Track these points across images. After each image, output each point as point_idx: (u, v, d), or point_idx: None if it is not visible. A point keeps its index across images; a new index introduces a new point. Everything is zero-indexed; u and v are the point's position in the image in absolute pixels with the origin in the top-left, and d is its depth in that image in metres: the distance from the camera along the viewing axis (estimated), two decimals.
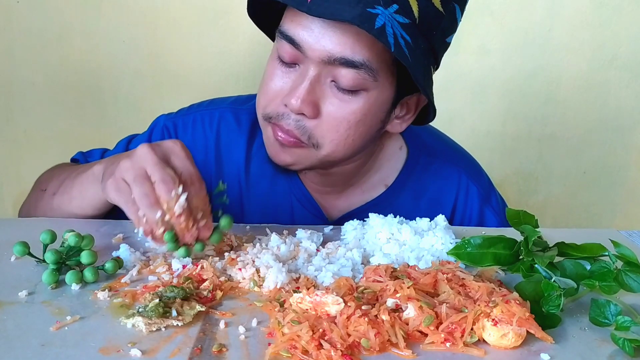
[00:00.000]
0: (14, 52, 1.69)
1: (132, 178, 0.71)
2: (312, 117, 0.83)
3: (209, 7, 1.67)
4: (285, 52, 0.83)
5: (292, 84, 0.83)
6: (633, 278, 0.67)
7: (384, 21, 0.75)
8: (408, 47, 0.77)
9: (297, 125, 0.83)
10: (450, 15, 0.83)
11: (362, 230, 0.82)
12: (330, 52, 0.79)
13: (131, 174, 0.71)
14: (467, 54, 1.73)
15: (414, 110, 0.93)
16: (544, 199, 1.91)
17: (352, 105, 0.83)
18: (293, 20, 0.81)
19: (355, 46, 0.78)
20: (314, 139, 0.84)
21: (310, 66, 0.81)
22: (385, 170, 1.01)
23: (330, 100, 0.82)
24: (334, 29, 0.78)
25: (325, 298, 0.60)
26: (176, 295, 0.62)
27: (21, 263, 0.71)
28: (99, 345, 0.55)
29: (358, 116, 0.83)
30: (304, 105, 0.81)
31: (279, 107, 0.84)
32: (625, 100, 1.82)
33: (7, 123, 1.76)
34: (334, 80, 0.81)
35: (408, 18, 0.78)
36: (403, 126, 0.93)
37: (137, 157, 0.72)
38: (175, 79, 1.73)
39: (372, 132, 0.88)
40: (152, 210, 0.69)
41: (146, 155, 0.71)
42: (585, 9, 1.73)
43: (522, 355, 0.57)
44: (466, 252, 0.72)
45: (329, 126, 0.83)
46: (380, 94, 0.84)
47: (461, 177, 1.03)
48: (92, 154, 1.04)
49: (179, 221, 0.70)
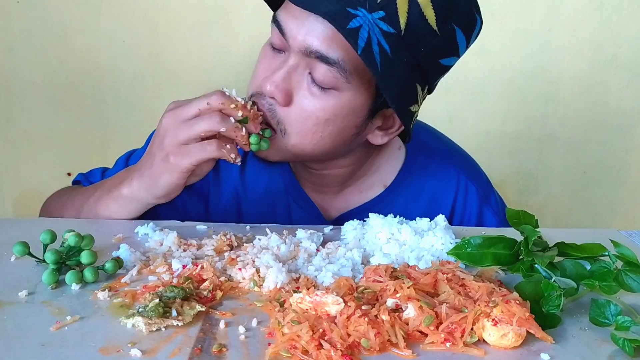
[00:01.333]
0: (14, 52, 1.70)
1: (185, 134, 0.79)
2: (283, 105, 0.83)
3: (209, 7, 1.68)
4: (275, 38, 0.84)
5: (273, 69, 0.84)
6: (633, 278, 0.67)
7: (361, 23, 0.75)
8: (382, 56, 0.76)
9: (269, 108, 0.84)
10: (446, 36, 0.81)
11: (362, 230, 0.82)
12: (308, 44, 0.79)
13: (181, 133, 0.79)
14: (467, 54, 1.71)
15: (398, 126, 0.91)
16: (544, 199, 1.91)
17: (322, 102, 0.82)
18: (285, 7, 0.83)
19: (332, 43, 0.79)
20: (281, 125, 0.85)
21: (291, 55, 0.82)
22: (383, 170, 1.01)
23: (303, 92, 0.83)
24: (317, 22, 0.78)
25: (325, 298, 0.60)
26: (176, 295, 0.62)
27: (21, 263, 0.71)
28: (99, 345, 0.55)
29: (327, 114, 0.83)
30: (276, 91, 0.82)
31: (260, 87, 0.85)
32: (625, 100, 1.82)
33: (7, 123, 1.76)
34: (311, 72, 0.82)
35: (393, 28, 0.77)
36: (385, 139, 0.92)
37: (167, 124, 0.81)
38: (175, 79, 1.73)
39: (345, 135, 0.87)
40: (226, 121, 0.79)
41: (173, 117, 0.81)
42: (585, 9, 1.73)
43: (522, 355, 0.57)
44: (466, 252, 0.72)
45: (297, 117, 0.84)
46: (353, 97, 0.83)
47: (460, 177, 1.03)
48: (93, 173, 1.04)
49: (240, 133, 0.80)
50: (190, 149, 0.80)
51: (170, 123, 0.81)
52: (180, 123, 0.80)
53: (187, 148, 0.80)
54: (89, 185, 1.00)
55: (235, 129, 0.80)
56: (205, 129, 0.79)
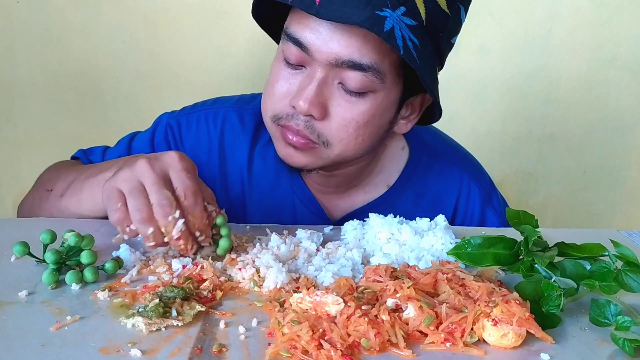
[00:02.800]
0: (14, 52, 1.69)
1: (128, 190, 0.70)
2: (321, 119, 0.83)
3: (209, 7, 1.67)
4: (291, 54, 0.83)
5: (300, 86, 0.83)
6: (633, 278, 0.67)
7: (392, 24, 0.75)
8: (416, 50, 0.77)
9: (306, 125, 0.84)
10: (455, 16, 0.83)
11: (362, 230, 0.82)
12: (338, 55, 0.79)
13: (127, 186, 0.70)
14: (467, 54, 1.73)
15: (418, 110, 0.93)
16: (544, 199, 1.91)
17: (359, 106, 0.83)
18: (300, 22, 0.81)
19: (363, 49, 0.78)
20: (323, 138, 0.84)
21: (317, 68, 0.81)
22: (387, 170, 1.01)
23: (338, 102, 0.82)
24: (342, 31, 0.78)
25: (325, 298, 0.60)
26: (176, 295, 0.62)
27: (21, 263, 0.71)
28: (99, 345, 0.55)
29: (366, 117, 0.84)
30: (311, 107, 0.81)
31: (287, 108, 0.84)
32: (625, 100, 1.82)
33: (7, 123, 1.76)
34: (341, 82, 0.81)
35: (415, 20, 0.78)
36: (408, 126, 0.93)
37: (136, 170, 0.71)
38: (175, 79, 1.73)
39: (381, 132, 0.89)
40: (144, 225, 0.69)
41: (145, 171, 0.71)
42: (585, 9, 1.73)
43: (522, 355, 0.57)
44: (466, 252, 0.72)
45: (338, 127, 0.84)
46: (387, 95, 0.84)
47: (463, 177, 1.03)
48: (93, 151, 1.03)
49: (177, 243, 0.70)
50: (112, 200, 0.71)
51: (137, 173, 0.71)
52: (136, 181, 0.71)
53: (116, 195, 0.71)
54: (86, 162, 0.99)
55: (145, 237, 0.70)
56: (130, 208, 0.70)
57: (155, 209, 0.69)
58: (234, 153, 1.01)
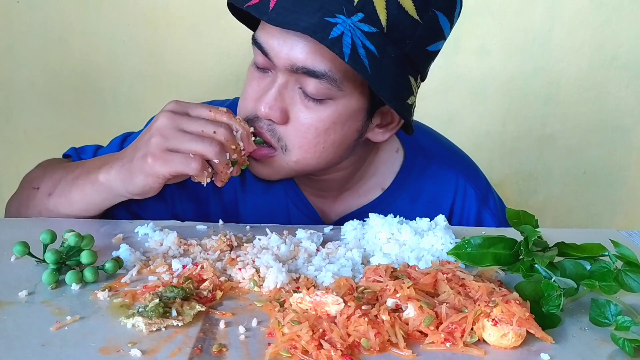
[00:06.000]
0: (14, 52, 1.70)
1: (176, 144, 0.77)
2: (281, 123, 0.83)
3: (209, 7, 1.68)
4: (258, 59, 0.84)
5: (263, 90, 0.84)
6: (633, 278, 0.67)
7: (342, 30, 0.74)
8: (370, 57, 0.75)
9: (268, 128, 0.84)
10: (429, 23, 0.81)
11: (362, 230, 0.82)
12: (293, 61, 0.79)
13: (165, 137, 0.77)
14: (467, 54, 1.73)
15: (397, 120, 0.90)
16: (544, 199, 1.92)
17: (319, 113, 0.82)
18: (263, 28, 0.83)
19: (316, 56, 0.78)
20: (282, 142, 0.84)
21: (278, 73, 0.82)
22: (381, 173, 1.01)
23: (298, 107, 0.82)
24: (297, 38, 0.78)
25: (325, 298, 0.60)
26: (176, 295, 0.62)
27: (21, 263, 0.71)
28: (99, 345, 0.55)
29: (327, 124, 0.83)
30: (271, 112, 0.82)
31: (254, 111, 0.85)
32: (625, 100, 1.82)
33: (7, 123, 1.76)
34: (302, 87, 0.81)
35: (375, 27, 0.76)
36: (386, 135, 0.91)
37: (162, 125, 0.78)
38: (175, 79, 1.73)
39: (348, 141, 0.87)
40: (222, 155, 0.78)
41: (172, 119, 0.78)
42: (585, 9, 1.73)
43: (522, 355, 0.57)
44: (466, 252, 0.72)
45: (297, 132, 0.83)
46: (349, 103, 0.83)
47: (459, 179, 1.03)
48: (85, 150, 1.02)
49: (239, 153, 0.80)
50: (174, 158, 0.77)
51: (166, 125, 0.78)
52: (177, 131, 0.78)
53: (170, 155, 0.77)
54: (77, 160, 0.99)
55: (225, 165, 0.79)
56: (201, 152, 0.77)
57: (219, 131, 0.78)
58: None
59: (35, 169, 1.01)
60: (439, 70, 0.89)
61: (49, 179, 0.91)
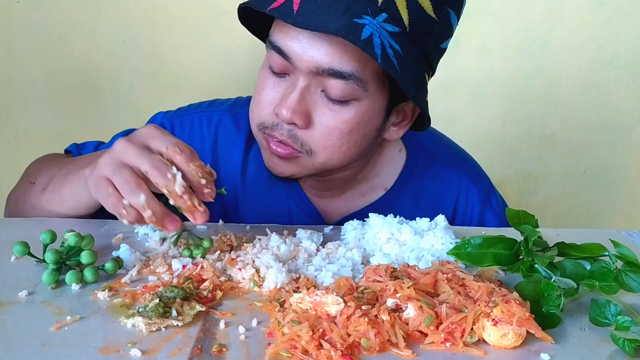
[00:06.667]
0: (14, 52, 1.70)
1: (111, 171, 0.67)
2: (304, 127, 0.82)
3: (209, 7, 1.68)
4: (275, 63, 0.83)
5: (283, 94, 0.83)
6: (633, 278, 0.67)
7: (371, 31, 0.74)
8: (397, 57, 0.76)
9: (289, 134, 0.83)
10: (444, 21, 0.82)
11: (362, 230, 0.82)
12: (318, 63, 0.78)
13: (110, 168, 0.67)
14: (467, 54, 1.73)
15: (410, 117, 0.92)
16: (544, 199, 1.91)
17: (343, 115, 0.82)
18: (281, 30, 0.81)
19: (343, 57, 0.78)
20: (306, 146, 0.84)
21: (299, 76, 0.81)
22: (384, 173, 1.01)
23: (322, 110, 0.82)
24: (322, 40, 0.78)
25: (325, 298, 0.60)
26: (176, 295, 0.62)
27: (21, 263, 0.71)
28: (99, 345, 0.55)
29: (350, 125, 0.83)
30: (294, 116, 0.81)
31: (271, 116, 0.84)
32: (625, 100, 1.82)
33: (7, 123, 1.76)
34: (324, 90, 0.81)
35: (398, 26, 0.77)
36: (400, 133, 0.92)
37: (115, 151, 0.68)
38: (175, 79, 1.73)
39: (368, 139, 0.88)
40: (135, 194, 0.64)
41: (125, 148, 0.67)
42: (585, 9, 1.73)
43: (522, 355, 0.57)
44: (466, 252, 0.72)
45: (321, 135, 0.83)
46: (372, 103, 0.83)
47: (461, 179, 1.03)
48: (86, 146, 1.02)
49: (183, 201, 0.66)
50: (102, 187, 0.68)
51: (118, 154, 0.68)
52: (118, 160, 0.68)
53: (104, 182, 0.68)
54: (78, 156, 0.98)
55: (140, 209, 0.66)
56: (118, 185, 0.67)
57: (151, 172, 0.65)
58: (227, 157, 1.01)
59: (36, 161, 1.01)
60: (439, 70, 0.89)
61: (44, 174, 0.90)
